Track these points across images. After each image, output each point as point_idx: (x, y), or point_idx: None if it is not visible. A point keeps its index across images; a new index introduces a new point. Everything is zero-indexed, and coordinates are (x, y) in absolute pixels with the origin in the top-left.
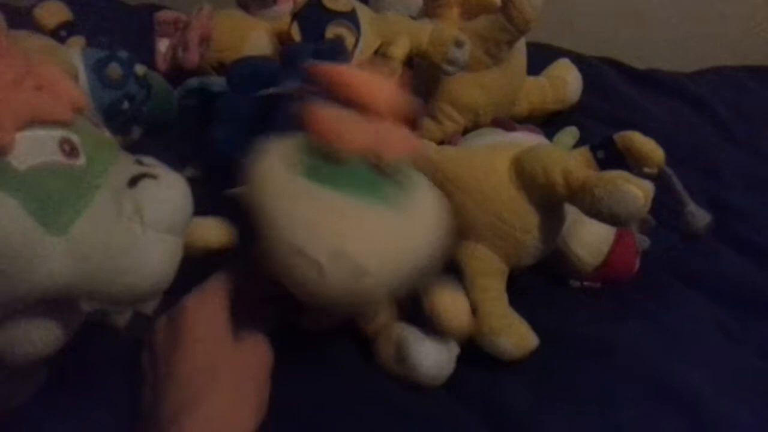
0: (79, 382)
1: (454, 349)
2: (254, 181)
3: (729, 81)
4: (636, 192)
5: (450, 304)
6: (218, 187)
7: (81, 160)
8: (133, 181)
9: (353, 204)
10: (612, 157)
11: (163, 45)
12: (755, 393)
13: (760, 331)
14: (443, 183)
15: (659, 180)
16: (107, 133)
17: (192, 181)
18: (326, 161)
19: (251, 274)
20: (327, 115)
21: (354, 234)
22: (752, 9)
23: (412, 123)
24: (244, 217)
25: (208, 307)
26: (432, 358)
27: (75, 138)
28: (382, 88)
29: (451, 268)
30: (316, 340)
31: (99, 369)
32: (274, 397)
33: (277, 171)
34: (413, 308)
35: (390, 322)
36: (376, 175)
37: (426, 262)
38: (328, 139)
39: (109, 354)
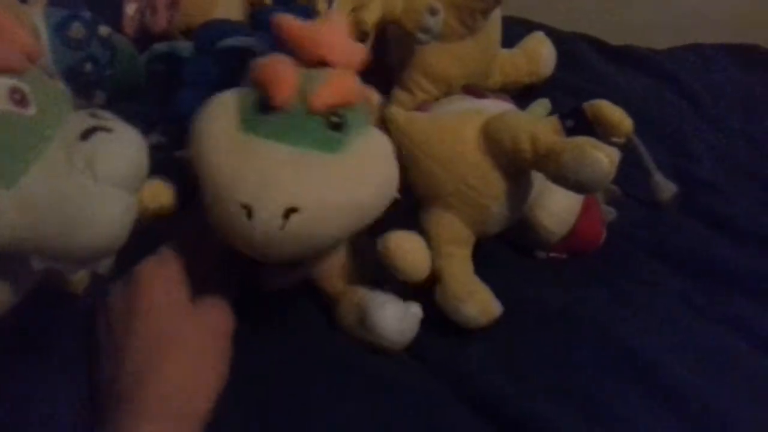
0: (34, 350)
1: (416, 313)
2: (193, 137)
3: (705, 58)
4: (602, 158)
5: (405, 246)
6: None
7: (31, 110)
8: (86, 134)
9: (283, 149)
10: (581, 126)
11: (130, 8)
12: (714, 364)
13: (725, 304)
14: (411, 149)
15: (627, 150)
16: (61, 85)
17: (158, 148)
18: (264, 112)
19: (204, 236)
20: (266, 63)
21: (279, 175)
22: None
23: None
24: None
25: (164, 272)
26: (394, 321)
27: (26, 87)
28: (337, 40)
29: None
30: (278, 305)
31: (55, 337)
32: (236, 362)
33: (213, 125)
34: (375, 273)
35: (350, 286)
36: (312, 120)
37: (367, 205)
38: (265, 86)
39: (67, 322)
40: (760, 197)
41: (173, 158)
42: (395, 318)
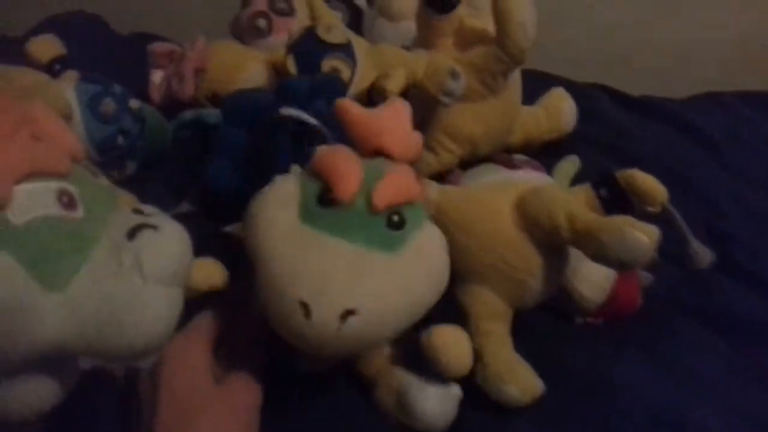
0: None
1: (456, 394)
2: (251, 222)
3: (722, 107)
4: (642, 238)
5: (450, 342)
6: (214, 222)
7: (79, 212)
8: (132, 233)
9: (343, 247)
10: (615, 195)
11: (157, 77)
12: (763, 428)
13: (765, 364)
14: (446, 225)
15: (662, 217)
16: (105, 180)
17: (187, 216)
18: (324, 205)
19: (241, 312)
20: (330, 155)
21: (339, 275)
22: (743, 34)
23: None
24: (237, 255)
25: (192, 350)
26: (435, 405)
27: (73, 189)
28: (398, 130)
29: (454, 312)
30: (313, 381)
31: (93, 417)
32: None
33: (272, 212)
34: (413, 354)
35: (389, 368)
36: (373, 219)
37: (423, 303)
38: (329, 179)
39: (105, 402)
40: None
41: (219, 233)
42: (436, 402)
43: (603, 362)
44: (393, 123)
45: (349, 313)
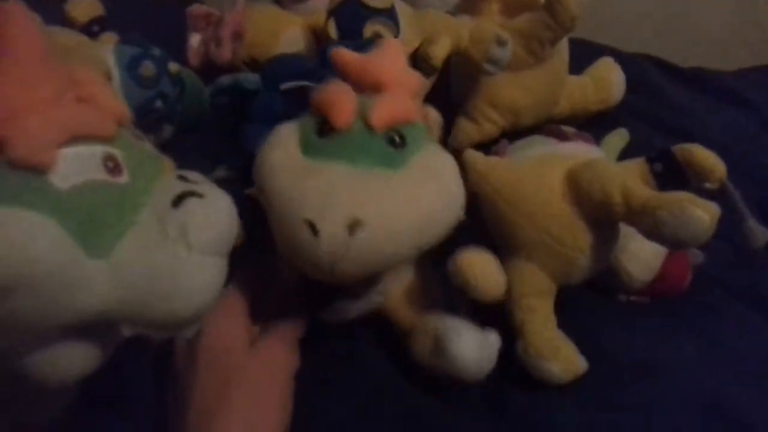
0: (108, 402)
1: (495, 342)
2: (257, 167)
3: None
4: (704, 216)
5: (476, 262)
6: (250, 187)
7: (124, 177)
8: (178, 201)
9: (344, 168)
10: (670, 171)
11: (195, 40)
12: None
13: None
14: (492, 198)
15: (720, 194)
16: (149, 146)
17: (225, 181)
18: (325, 136)
19: (273, 273)
20: (324, 89)
21: (343, 192)
22: None
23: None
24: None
25: (227, 311)
26: (473, 350)
27: (118, 154)
28: (391, 66)
29: None
30: (347, 342)
31: (130, 381)
32: (302, 403)
33: (275, 153)
34: (445, 301)
35: (421, 316)
36: (373, 140)
37: (434, 221)
38: (325, 111)
39: (142, 368)
40: None
41: (245, 195)
42: (474, 345)
43: (645, 342)
44: (388, 61)
45: (355, 224)
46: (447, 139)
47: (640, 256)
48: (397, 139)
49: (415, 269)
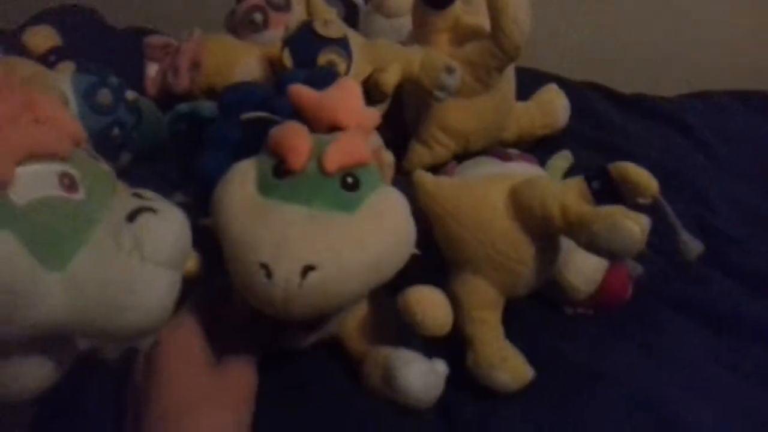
0: (67, 419)
1: (442, 371)
2: (214, 205)
3: (713, 105)
4: (633, 227)
5: (424, 299)
6: (207, 214)
7: (80, 194)
8: (132, 215)
9: (299, 211)
10: (607, 188)
11: (152, 69)
12: (749, 420)
13: (752, 357)
14: (440, 215)
15: (653, 209)
16: (105, 165)
17: (182, 206)
18: (280, 177)
19: (227, 299)
20: (280, 130)
21: (297, 235)
22: (734, 36)
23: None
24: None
25: (182, 339)
26: (419, 379)
27: (74, 172)
28: (348, 105)
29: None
30: (302, 366)
31: (87, 405)
32: (260, 422)
33: (231, 191)
34: (398, 332)
35: (374, 346)
36: (327, 182)
37: (385, 261)
38: (280, 152)
39: (99, 388)
40: None
41: (200, 225)
42: (420, 376)
43: (591, 351)
44: (344, 99)
45: (308, 268)
46: (402, 162)
47: (582, 269)
48: (350, 180)
49: (369, 300)
